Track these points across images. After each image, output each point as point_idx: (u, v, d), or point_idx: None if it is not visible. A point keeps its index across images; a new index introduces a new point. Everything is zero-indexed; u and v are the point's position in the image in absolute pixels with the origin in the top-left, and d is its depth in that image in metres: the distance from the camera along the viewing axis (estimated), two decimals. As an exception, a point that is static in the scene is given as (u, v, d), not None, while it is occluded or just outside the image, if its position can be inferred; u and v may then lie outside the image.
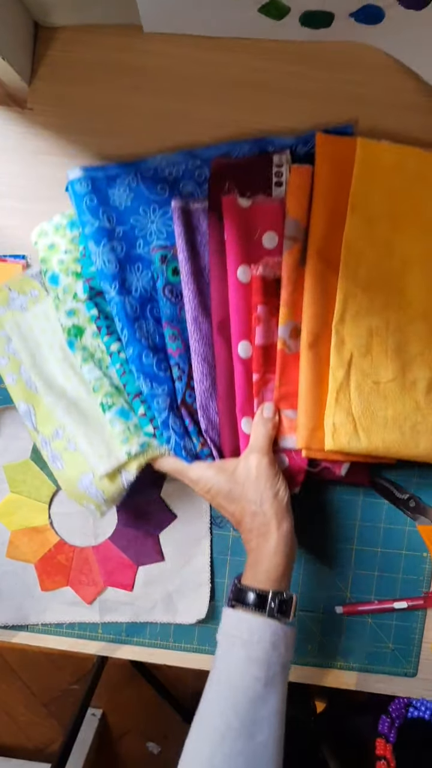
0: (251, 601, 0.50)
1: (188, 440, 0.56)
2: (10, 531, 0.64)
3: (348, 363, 0.54)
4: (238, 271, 0.54)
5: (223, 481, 0.54)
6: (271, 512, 0.52)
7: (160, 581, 0.63)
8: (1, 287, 0.60)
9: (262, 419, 0.56)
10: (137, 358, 0.56)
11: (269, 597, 0.49)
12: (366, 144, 0.55)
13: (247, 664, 0.47)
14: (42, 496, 0.63)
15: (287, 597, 0.50)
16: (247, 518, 0.53)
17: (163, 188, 0.56)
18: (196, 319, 0.56)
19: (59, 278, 0.57)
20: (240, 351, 0.55)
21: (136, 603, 0.63)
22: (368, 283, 0.55)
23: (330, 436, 0.54)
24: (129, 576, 0.63)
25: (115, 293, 0.55)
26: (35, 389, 0.59)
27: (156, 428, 0.56)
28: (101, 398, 0.57)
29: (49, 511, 0.63)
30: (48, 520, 0.63)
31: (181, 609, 0.63)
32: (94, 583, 0.63)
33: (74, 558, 0.63)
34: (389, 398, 0.55)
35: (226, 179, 0.54)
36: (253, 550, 0.52)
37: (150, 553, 0.63)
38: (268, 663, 0.47)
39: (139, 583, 0.63)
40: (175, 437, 0.56)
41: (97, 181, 0.55)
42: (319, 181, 0.54)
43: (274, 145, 0.57)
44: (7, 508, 0.63)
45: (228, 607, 0.51)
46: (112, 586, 0.63)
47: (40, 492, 0.63)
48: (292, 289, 0.54)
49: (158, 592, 0.63)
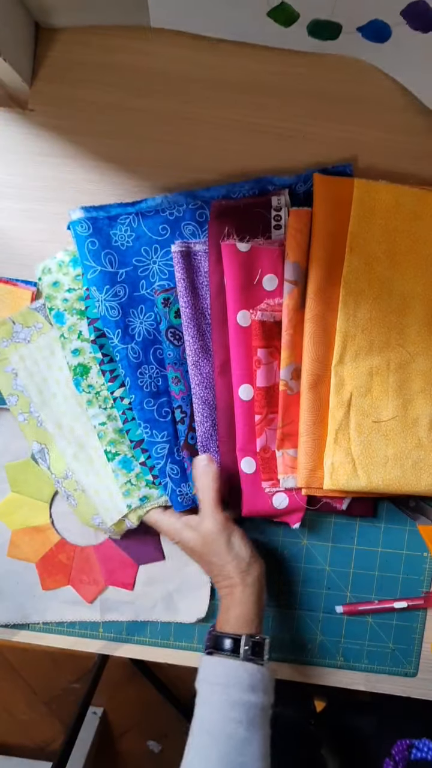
0: (226, 646, 0.51)
1: (185, 485, 0.58)
2: (11, 530, 0.64)
3: (347, 403, 0.55)
4: (237, 316, 0.55)
5: (190, 538, 0.56)
6: (235, 572, 0.54)
7: (161, 580, 0.63)
8: (5, 320, 0.59)
9: (202, 470, 0.55)
10: (139, 406, 0.57)
11: (242, 641, 0.51)
12: (363, 185, 0.55)
13: (227, 708, 0.48)
14: (43, 495, 0.63)
15: (260, 639, 0.52)
16: (212, 573, 0.55)
17: (165, 228, 0.56)
18: (196, 364, 0.57)
19: (64, 317, 0.58)
20: (241, 394, 0.56)
21: (137, 602, 0.63)
22: (368, 322, 0.55)
23: (328, 476, 0.55)
24: (130, 575, 0.63)
25: (118, 341, 0.56)
26: (44, 427, 0.60)
27: (155, 477, 0.58)
28: (105, 446, 0.59)
29: (50, 510, 0.63)
30: (49, 519, 0.63)
31: (182, 608, 0.63)
32: (95, 582, 0.64)
33: (75, 557, 0.64)
34: (390, 436, 0.55)
35: (225, 223, 0.54)
36: (223, 597, 0.55)
37: (151, 552, 0.63)
38: (248, 705, 0.48)
39: (140, 582, 0.63)
40: (171, 484, 0.58)
41: (98, 222, 0.55)
42: (317, 222, 0.55)
43: (274, 184, 0.57)
44: (8, 508, 0.63)
45: (205, 655, 0.52)
46: (113, 585, 0.64)
47: (41, 491, 0.63)
48: (293, 331, 0.55)
49: (159, 591, 0.63)
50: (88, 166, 0.60)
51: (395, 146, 0.60)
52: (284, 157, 0.60)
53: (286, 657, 0.63)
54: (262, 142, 0.60)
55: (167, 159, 0.60)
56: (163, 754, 1.36)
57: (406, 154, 0.60)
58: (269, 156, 0.60)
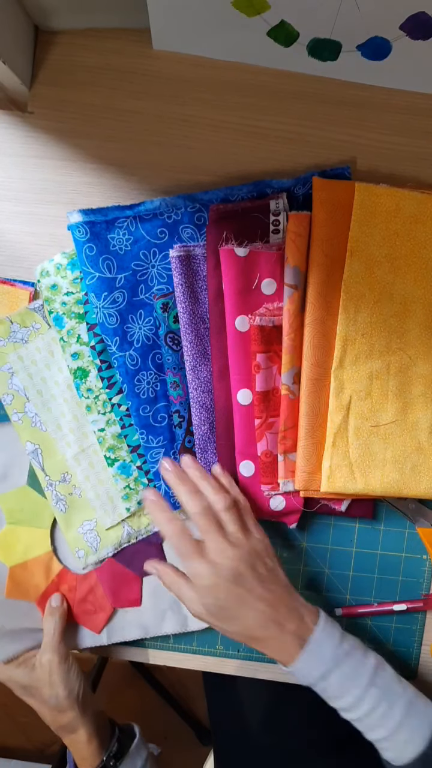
0: None
1: None
2: (8, 566, 0.61)
3: (347, 407, 0.55)
4: (236, 321, 0.55)
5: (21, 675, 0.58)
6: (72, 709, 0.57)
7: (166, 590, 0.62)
8: (3, 320, 0.59)
9: (50, 610, 0.59)
10: (135, 412, 0.57)
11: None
12: (364, 188, 0.55)
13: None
14: (43, 521, 0.61)
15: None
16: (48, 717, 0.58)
17: (163, 232, 0.56)
18: (194, 368, 0.57)
19: (63, 320, 0.58)
20: (240, 398, 0.56)
21: (145, 617, 0.62)
22: (368, 326, 0.55)
23: (326, 479, 0.55)
24: (135, 590, 0.61)
25: (115, 348, 0.56)
26: (43, 428, 0.60)
27: (151, 480, 0.58)
28: (104, 452, 0.59)
29: (52, 536, 0.61)
30: (51, 547, 0.61)
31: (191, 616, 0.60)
32: (101, 608, 0.61)
33: (77, 586, 0.61)
34: (389, 440, 0.55)
35: (223, 228, 0.54)
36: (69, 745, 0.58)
37: None
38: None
39: (146, 595, 0.62)
40: (165, 487, 0.58)
41: (95, 226, 0.55)
42: (317, 226, 0.55)
43: (272, 187, 0.57)
44: (4, 542, 0.61)
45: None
46: (121, 606, 0.61)
47: (40, 518, 0.61)
48: (294, 335, 0.55)
49: (166, 600, 0.61)
50: (87, 168, 0.60)
51: (394, 148, 0.60)
52: (283, 160, 0.60)
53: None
54: (261, 145, 0.60)
55: (166, 161, 0.60)
56: (162, 757, 1.36)
57: (405, 156, 0.60)
58: (268, 158, 0.60)
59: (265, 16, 0.51)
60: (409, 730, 0.49)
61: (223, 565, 0.51)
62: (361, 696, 0.49)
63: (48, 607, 0.59)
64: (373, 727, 0.50)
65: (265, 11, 0.51)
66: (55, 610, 0.59)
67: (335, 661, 0.49)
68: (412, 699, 0.50)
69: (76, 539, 0.60)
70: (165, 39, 0.57)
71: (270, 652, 0.51)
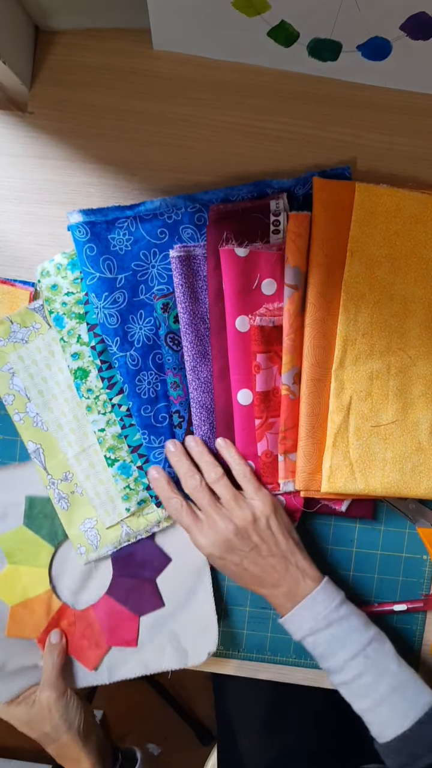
0: None
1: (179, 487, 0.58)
2: (9, 606, 0.61)
3: (347, 407, 0.55)
4: (236, 321, 0.55)
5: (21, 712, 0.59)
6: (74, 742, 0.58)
7: (164, 622, 0.61)
8: (3, 320, 0.59)
9: (49, 647, 0.60)
10: (137, 412, 0.57)
11: None
12: (364, 188, 0.55)
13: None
14: (41, 560, 0.61)
15: None
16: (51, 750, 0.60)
17: (163, 232, 0.56)
18: (194, 369, 0.57)
19: (63, 320, 0.58)
20: (240, 399, 0.56)
21: (144, 654, 0.61)
22: (369, 326, 0.55)
23: (326, 479, 0.55)
24: (132, 630, 0.61)
25: (116, 348, 0.56)
26: (44, 428, 0.60)
27: None
28: (104, 452, 0.59)
29: (50, 575, 0.61)
30: (50, 585, 0.61)
31: (191, 648, 0.61)
32: (96, 645, 0.61)
33: (76, 622, 0.61)
34: (389, 440, 0.56)
35: (224, 228, 0.54)
36: None
37: (149, 599, 0.61)
38: None
39: (144, 629, 0.61)
40: None
41: (96, 227, 0.55)
42: (317, 226, 0.55)
43: (272, 187, 0.57)
44: (6, 582, 0.61)
45: None
46: (116, 644, 0.61)
47: (38, 557, 0.61)
48: (295, 336, 0.55)
49: (164, 635, 0.61)
50: (88, 168, 0.60)
51: (394, 148, 0.60)
52: (283, 160, 0.60)
53: (287, 659, 0.63)
54: (261, 145, 0.60)
55: (166, 161, 0.60)
56: (162, 757, 1.36)
57: (405, 156, 0.60)
58: (268, 158, 0.60)
59: (266, 16, 0.51)
60: (391, 708, 0.51)
61: (215, 538, 0.54)
62: (347, 660, 0.52)
63: (48, 644, 0.60)
64: (357, 695, 0.53)
65: (266, 11, 0.51)
66: (54, 647, 0.60)
67: (327, 620, 0.52)
68: (405, 680, 0.52)
69: (78, 536, 0.60)
70: (165, 39, 0.57)
71: (270, 603, 0.56)
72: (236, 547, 0.54)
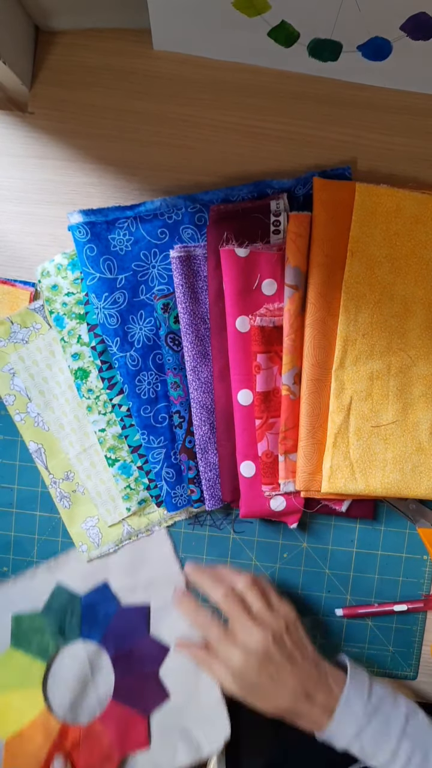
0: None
1: (179, 487, 0.58)
2: (3, 740, 0.56)
3: (347, 407, 0.55)
4: (236, 322, 0.55)
5: None
6: None
7: (173, 718, 0.59)
8: (3, 320, 0.59)
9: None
10: (137, 413, 0.57)
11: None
12: (364, 189, 0.55)
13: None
14: (33, 680, 0.58)
15: None
16: None
17: (163, 232, 0.56)
18: (195, 369, 0.57)
19: (64, 321, 0.58)
20: (240, 399, 0.56)
21: (156, 756, 0.58)
22: (369, 327, 0.55)
23: (326, 480, 0.55)
24: (142, 730, 0.58)
25: (116, 349, 0.56)
26: (46, 428, 0.60)
27: (152, 480, 0.59)
28: (105, 452, 0.59)
29: (45, 693, 0.58)
30: (45, 704, 0.58)
31: (204, 739, 0.58)
32: (107, 758, 0.57)
33: (81, 738, 0.57)
34: (390, 440, 0.56)
35: (224, 228, 0.54)
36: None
37: (155, 693, 0.59)
38: None
39: (155, 732, 0.58)
40: (166, 487, 0.58)
41: (96, 227, 0.55)
42: (317, 227, 0.55)
43: (272, 187, 0.57)
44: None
45: None
46: (130, 751, 0.58)
47: (29, 676, 0.58)
48: (295, 336, 0.55)
49: (175, 732, 0.58)
50: (88, 168, 0.60)
51: (395, 148, 0.60)
52: (284, 160, 0.60)
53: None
54: (262, 145, 0.60)
55: (167, 162, 0.60)
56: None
57: (405, 156, 0.60)
58: (268, 158, 0.60)
59: (266, 16, 0.51)
60: None
61: (252, 648, 0.51)
62: (395, 749, 0.49)
63: None
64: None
65: (266, 11, 0.51)
66: None
67: (367, 717, 0.50)
68: None
69: (80, 534, 0.60)
70: (165, 39, 0.57)
71: (302, 724, 0.52)
72: (274, 657, 0.51)
